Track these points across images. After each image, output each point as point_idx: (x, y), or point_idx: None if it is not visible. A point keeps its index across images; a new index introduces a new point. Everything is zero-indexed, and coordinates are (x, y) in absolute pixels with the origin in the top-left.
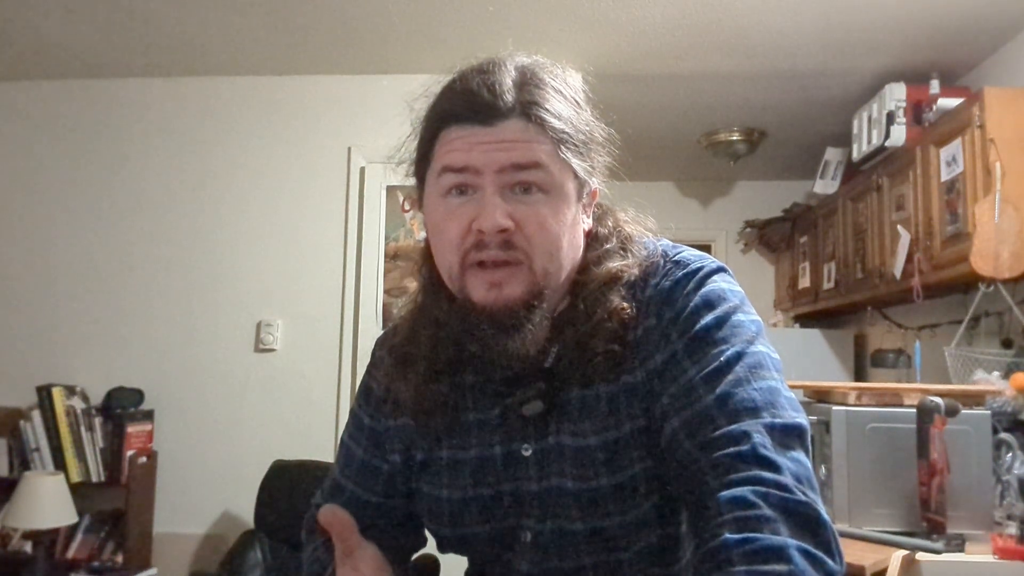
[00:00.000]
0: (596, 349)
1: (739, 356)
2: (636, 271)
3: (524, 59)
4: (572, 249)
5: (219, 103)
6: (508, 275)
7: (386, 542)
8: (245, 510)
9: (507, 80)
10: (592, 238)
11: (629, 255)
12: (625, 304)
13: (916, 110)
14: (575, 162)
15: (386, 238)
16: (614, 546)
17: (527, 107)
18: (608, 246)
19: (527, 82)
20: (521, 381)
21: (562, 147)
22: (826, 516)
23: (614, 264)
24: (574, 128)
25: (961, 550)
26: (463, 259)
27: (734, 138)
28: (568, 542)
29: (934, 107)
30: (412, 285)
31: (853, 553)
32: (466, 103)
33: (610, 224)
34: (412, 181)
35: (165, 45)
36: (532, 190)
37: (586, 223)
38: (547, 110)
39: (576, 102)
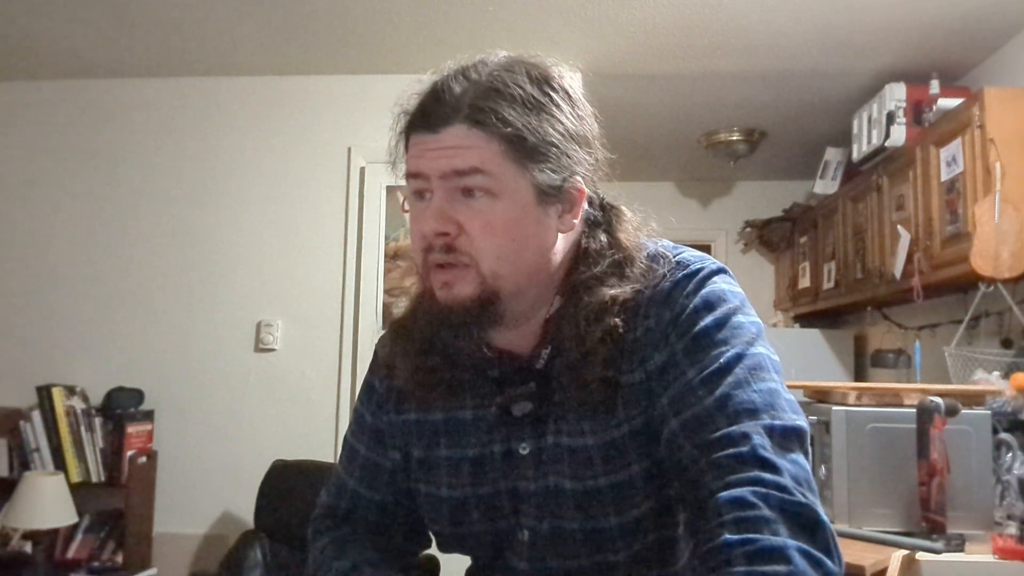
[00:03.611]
0: (592, 351)
1: (739, 358)
2: (635, 275)
3: (491, 59)
4: (536, 251)
5: (219, 103)
6: (456, 276)
7: (391, 541)
8: (245, 510)
9: (457, 86)
10: (585, 238)
11: (627, 259)
12: (619, 311)
13: (916, 110)
14: (529, 164)
15: (386, 238)
16: (611, 546)
17: (474, 112)
18: (605, 253)
19: (480, 84)
20: (514, 381)
21: (511, 149)
22: (825, 517)
23: (605, 269)
24: (528, 129)
25: (961, 550)
26: (424, 260)
27: (734, 138)
28: (565, 542)
29: (934, 107)
30: (412, 285)
31: (853, 553)
32: (420, 109)
33: (605, 236)
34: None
35: (165, 45)
36: (475, 194)
37: (566, 223)
38: (493, 112)
39: (536, 102)
